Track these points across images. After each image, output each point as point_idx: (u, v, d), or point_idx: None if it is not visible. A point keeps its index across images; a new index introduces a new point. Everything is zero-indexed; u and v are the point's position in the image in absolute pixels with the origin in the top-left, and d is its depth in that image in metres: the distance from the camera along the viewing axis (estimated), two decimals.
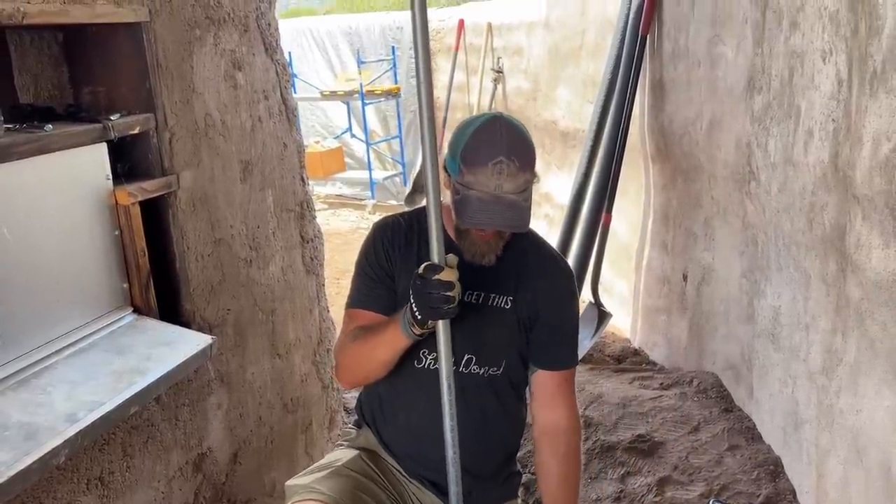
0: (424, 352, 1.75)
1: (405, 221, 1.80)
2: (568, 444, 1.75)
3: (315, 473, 1.77)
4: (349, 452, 1.85)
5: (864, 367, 1.84)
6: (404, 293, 1.70)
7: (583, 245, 4.14)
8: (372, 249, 1.77)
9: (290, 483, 1.78)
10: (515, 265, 1.74)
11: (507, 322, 1.72)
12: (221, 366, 2.51)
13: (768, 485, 2.53)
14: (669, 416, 3.11)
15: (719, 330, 3.30)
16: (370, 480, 1.79)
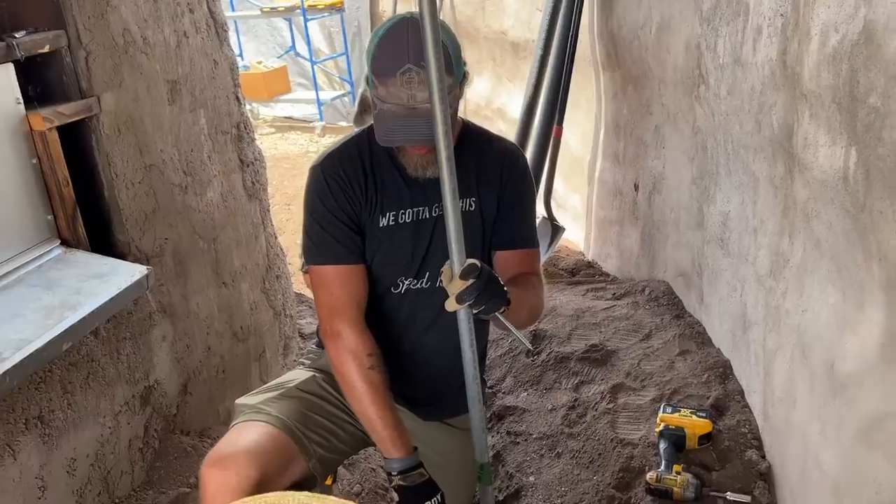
0: (402, 278, 1.70)
1: (349, 151, 1.66)
2: (532, 282, 1.70)
3: (265, 394, 1.73)
4: (304, 373, 1.82)
5: (809, 267, 1.84)
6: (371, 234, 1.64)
7: (535, 159, 4.07)
8: (329, 193, 1.62)
9: (239, 401, 1.73)
10: (473, 164, 1.67)
11: (475, 225, 1.68)
12: (163, 297, 2.42)
13: (718, 387, 2.58)
14: (622, 326, 3.13)
15: (670, 238, 3.30)
16: (324, 401, 1.76)
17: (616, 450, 2.40)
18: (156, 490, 2.31)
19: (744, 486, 2.13)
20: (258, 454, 1.54)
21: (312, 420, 1.70)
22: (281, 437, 1.61)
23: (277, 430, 1.62)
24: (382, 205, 1.64)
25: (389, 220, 1.64)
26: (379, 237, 1.66)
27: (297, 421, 1.66)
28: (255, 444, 1.56)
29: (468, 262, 1.46)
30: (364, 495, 2.64)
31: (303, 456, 1.65)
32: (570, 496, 2.32)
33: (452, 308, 1.48)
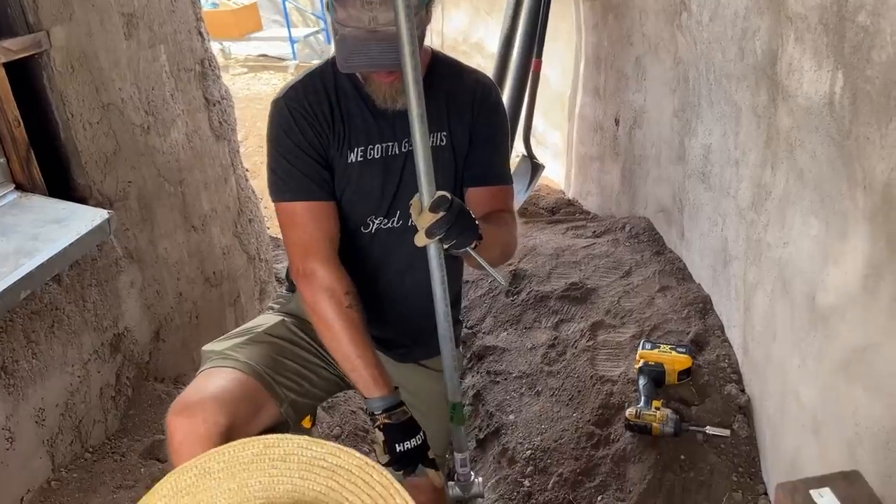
0: (371, 217, 1.62)
1: (314, 83, 1.55)
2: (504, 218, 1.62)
3: (232, 339, 1.66)
4: (273, 318, 1.75)
5: (792, 198, 1.79)
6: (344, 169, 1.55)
7: (513, 95, 3.97)
8: (293, 128, 1.52)
9: (205, 348, 1.65)
10: (443, 96, 1.58)
11: (446, 160, 1.60)
12: (129, 242, 2.34)
13: (698, 322, 2.56)
14: (602, 263, 3.10)
15: (651, 173, 3.24)
16: (294, 345, 1.70)
17: (595, 387, 2.39)
18: (131, 438, 2.27)
19: (723, 420, 2.13)
20: (226, 400, 1.48)
21: (283, 365, 1.64)
22: (250, 382, 1.55)
23: (246, 375, 1.56)
24: (350, 140, 1.55)
25: (358, 155, 1.56)
26: (347, 174, 1.58)
27: (267, 366, 1.60)
28: (223, 391, 1.50)
29: (438, 195, 1.39)
30: (344, 438, 2.63)
31: (274, 401, 1.60)
32: (549, 433, 2.32)
33: (422, 243, 1.41)
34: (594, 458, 2.17)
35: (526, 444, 2.32)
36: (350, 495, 0.91)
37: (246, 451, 0.94)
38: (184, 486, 0.92)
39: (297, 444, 0.95)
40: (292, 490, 0.92)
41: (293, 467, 0.93)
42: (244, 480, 0.93)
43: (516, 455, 2.30)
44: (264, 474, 0.93)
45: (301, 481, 0.93)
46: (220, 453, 0.94)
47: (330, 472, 0.93)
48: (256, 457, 0.94)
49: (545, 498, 2.12)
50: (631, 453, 2.12)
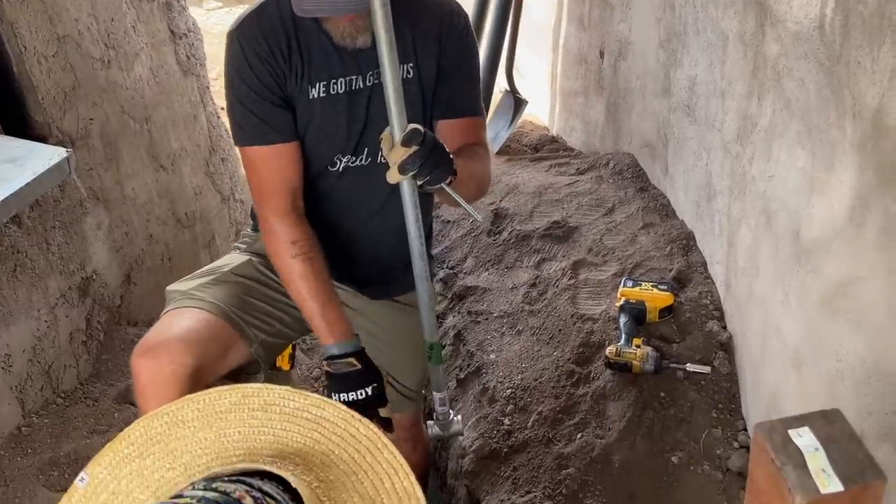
0: (338, 156, 1.55)
1: (270, 14, 1.44)
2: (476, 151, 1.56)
3: (198, 279, 1.61)
4: (240, 257, 1.70)
5: (778, 129, 1.73)
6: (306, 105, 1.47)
7: (496, 26, 3.82)
8: (247, 66, 1.42)
9: (169, 288, 1.60)
10: (409, 25, 1.47)
11: (415, 93, 1.51)
12: (94, 182, 2.26)
13: (680, 259, 2.52)
14: (585, 201, 3.04)
15: (636, 107, 3.16)
16: (261, 284, 1.65)
17: (576, 325, 2.36)
18: (104, 382, 2.24)
19: (704, 357, 2.11)
20: (193, 341, 1.44)
21: (251, 304, 1.59)
22: (217, 322, 1.50)
23: (213, 315, 1.50)
24: (310, 75, 1.46)
25: (320, 91, 1.47)
26: (310, 110, 1.49)
27: (234, 306, 1.55)
28: (189, 331, 1.45)
29: (410, 128, 1.31)
30: (323, 379, 2.60)
31: (243, 341, 1.55)
32: (529, 372, 2.30)
33: (395, 179, 1.34)
34: (574, 397, 2.15)
35: (506, 383, 2.30)
36: (336, 448, 0.86)
37: (223, 400, 0.89)
38: (155, 433, 0.86)
39: (279, 395, 0.89)
40: (275, 441, 0.87)
41: (275, 418, 0.88)
42: (222, 430, 0.87)
43: (496, 394, 2.28)
44: (244, 424, 0.88)
45: (283, 433, 0.87)
46: (195, 401, 0.89)
47: (314, 423, 0.88)
48: (235, 406, 0.89)
49: (525, 436, 2.11)
50: (611, 391, 2.10)
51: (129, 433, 0.87)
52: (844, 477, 0.80)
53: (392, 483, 0.82)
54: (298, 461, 0.83)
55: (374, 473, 0.83)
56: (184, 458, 0.85)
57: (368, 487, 0.81)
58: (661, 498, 1.86)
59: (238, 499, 0.70)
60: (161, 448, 0.87)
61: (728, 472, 1.87)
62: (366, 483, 0.81)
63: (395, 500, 0.80)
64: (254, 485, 0.74)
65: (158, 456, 0.85)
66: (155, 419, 0.88)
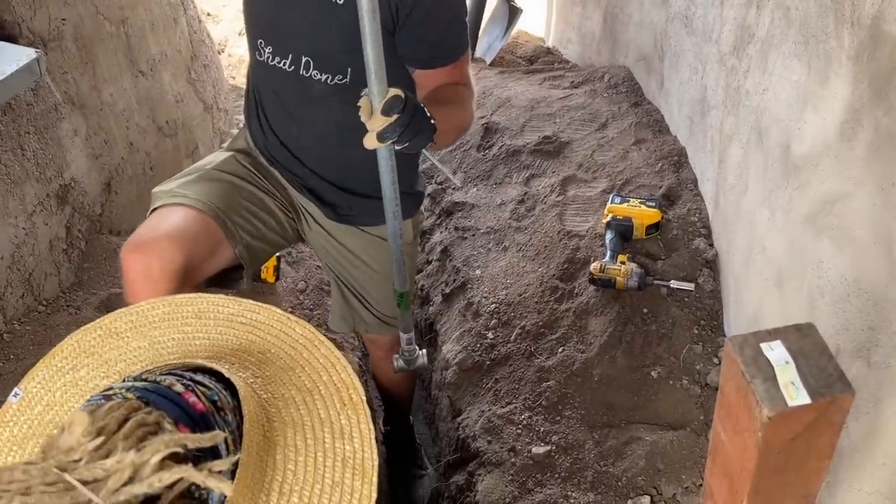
0: (261, 42, 1.48)
1: None
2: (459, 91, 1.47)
3: (182, 178, 1.56)
4: (222, 154, 1.65)
5: (775, 40, 1.66)
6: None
7: None
8: None
9: (155, 190, 1.55)
10: None
11: (344, 20, 1.34)
12: (69, 87, 2.19)
13: (671, 176, 2.48)
14: (577, 115, 2.98)
15: (633, 18, 3.05)
16: (246, 181, 1.60)
17: (562, 242, 2.34)
18: (86, 291, 2.23)
19: (688, 275, 2.10)
20: (182, 238, 1.40)
21: (237, 203, 1.54)
22: (204, 219, 1.46)
23: (200, 212, 1.46)
24: None
25: None
26: None
27: (221, 204, 1.50)
28: (177, 228, 1.41)
29: (391, 95, 1.21)
30: (308, 292, 2.60)
31: (229, 241, 1.51)
32: (514, 288, 2.29)
33: (372, 146, 1.26)
34: (557, 312, 2.15)
35: (491, 298, 2.30)
36: (272, 347, 0.86)
37: (155, 311, 0.88)
38: (87, 346, 0.85)
39: (212, 302, 0.88)
40: (210, 345, 0.86)
41: (210, 324, 0.87)
42: (155, 338, 0.87)
43: (481, 309, 2.29)
44: (177, 332, 0.87)
45: (219, 336, 0.87)
46: (127, 313, 0.88)
47: (250, 327, 0.87)
48: (167, 315, 0.88)
49: (507, 350, 2.12)
50: (593, 307, 2.10)
51: (63, 347, 0.87)
52: (812, 390, 0.79)
53: (329, 375, 0.82)
54: (234, 360, 0.82)
55: (311, 368, 0.83)
56: (118, 366, 0.85)
57: (305, 380, 0.81)
58: (638, 410, 1.89)
59: (168, 386, 0.69)
60: (95, 359, 0.86)
61: (706, 387, 1.89)
62: (302, 377, 0.82)
63: (333, 391, 0.80)
64: (185, 375, 0.73)
65: (93, 367, 0.85)
66: (87, 332, 0.87)
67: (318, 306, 2.58)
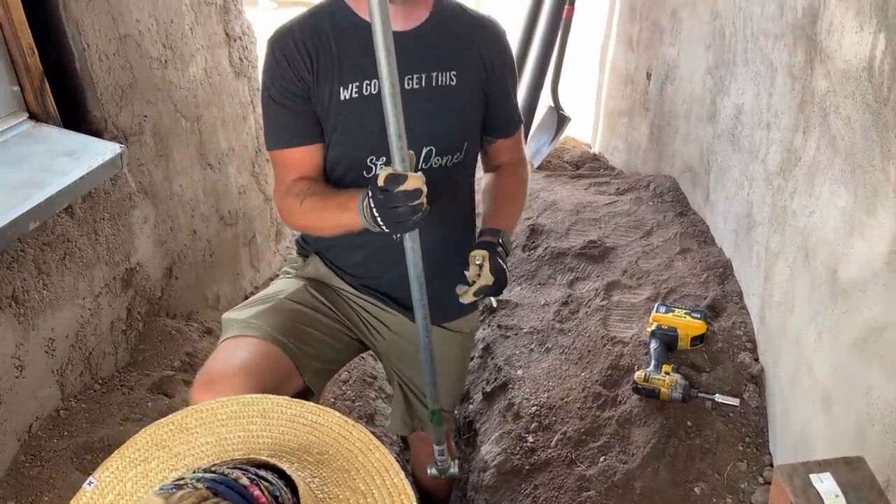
0: (372, 159, 1.54)
1: (307, 22, 1.49)
2: (518, 172, 1.70)
3: (255, 307, 1.59)
4: (294, 283, 1.68)
5: (822, 165, 1.72)
6: (336, 109, 1.49)
7: (544, 43, 3.85)
8: (278, 71, 1.47)
9: (226, 316, 1.59)
10: (444, 36, 1.52)
11: (458, 101, 1.54)
12: (143, 177, 2.33)
13: (716, 287, 2.51)
14: (623, 222, 3.04)
15: (680, 131, 3.15)
16: (316, 311, 1.64)
17: (606, 347, 2.36)
18: (140, 371, 2.30)
19: (734, 389, 2.10)
20: (253, 372, 1.41)
21: (306, 333, 1.58)
22: (275, 352, 1.49)
23: (271, 344, 1.49)
24: (343, 76, 1.48)
25: (352, 92, 1.48)
26: (340, 111, 1.50)
27: (291, 335, 1.53)
28: (249, 362, 1.43)
29: (482, 283, 1.47)
30: (352, 383, 2.64)
31: (298, 371, 1.53)
32: (556, 391, 2.30)
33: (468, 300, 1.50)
34: (599, 419, 2.15)
35: (532, 399, 2.31)
36: (330, 448, 0.90)
37: (224, 409, 0.94)
38: (159, 440, 0.91)
39: (276, 403, 0.94)
40: (273, 443, 0.91)
41: (273, 423, 0.93)
42: (223, 435, 0.92)
43: (522, 410, 2.29)
44: (243, 430, 0.92)
45: (281, 435, 0.92)
46: (198, 410, 0.94)
47: (310, 428, 0.92)
48: (235, 414, 0.94)
49: (548, 455, 2.12)
50: (637, 416, 2.10)
51: (136, 440, 0.92)
52: None
53: (383, 479, 0.86)
54: (294, 459, 0.87)
55: (366, 471, 0.87)
56: (186, 459, 0.90)
57: (360, 483, 0.85)
58: None
59: (235, 479, 0.74)
60: (165, 452, 0.92)
61: None
62: (357, 479, 0.86)
63: (386, 496, 0.84)
64: (250, 470, 0.78)
65: (163, 459, 0.90)
66: (160, 427, 0.94)
67: (360, 398, 2.61)
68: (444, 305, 1.67)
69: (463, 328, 1.81)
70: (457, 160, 1.58)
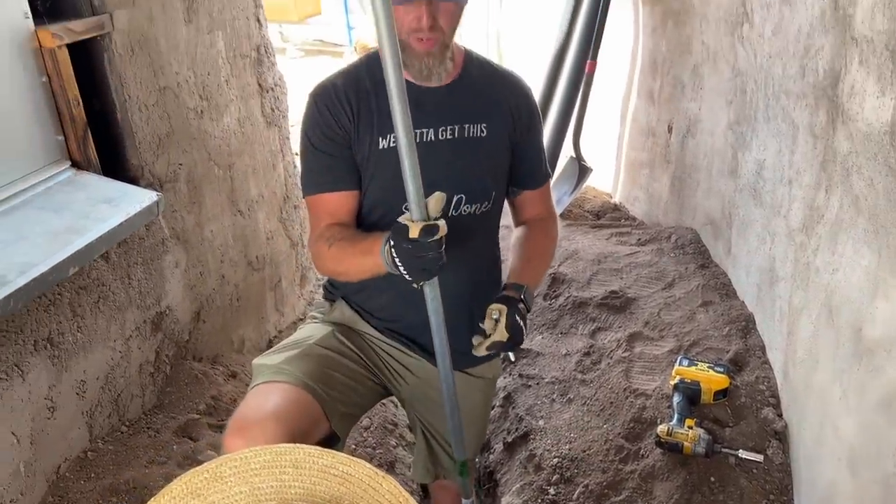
0: (406, 205, 1.59)
1: (347, 77, 1.58)
2: (547, 228, 1.76)
3: (284, 352, 1.64)
4: (322, 329, 1.72)
5: (845, 224, 1.74)
6: (375, 157, 1.56)
7: (566, 95, 3.93)
8: (321, 120, 1.55)
9: (257, 362, 1.63)
10: (475, 90, 1.61)
11: (488, 151, 1.62)
12: (176, 223, 2.39)
13: (738, 341, 2.51)
14: (644, 273, 3.06)
15: (701, 184, 3.18)
16: (343, 357, 1.68)
17: (629, 399, 2.36)
18: (166, 414, 2.33)
19: (757, 445, 2.09)
20: (284, 418, 1.45)
21: (333, 378, 1.61)
22: (305, 397, 1.52)
23: (301, 391, 1.52)
24: (382, 126, 1.55)
25: (390, 141, 1.55)
26: (378, 161, 1.57)
27: (320, 381, 1.57)
28: (280, 408, 1.47)
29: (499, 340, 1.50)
30: (373, 429, 2.65)
31: (326, 416, 1.56)
32: (578, 443, 2.30)
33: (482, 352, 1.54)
34: (622, 473, 2.14)
35: (553, 451, 2.31)
36: (361, 500, 0.93)
37: (258, 458, 0.97)
38: (194, 488, 0.94)
39: (309, 453, 0.97)
40: (305, 493, 0.94)
41: (305, 473, 0.95)
42: (256, 484, 0.95)
43: (543, 462, 2.29)
44: (275, 479, 0.95)
45: (313, 486, 0.95)
46: (232, 459, 0.97)
47: (342, 479, 0.95)
48: (268, 463, 0.96)
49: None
50: (660, 471, 2.09)
51: (172, 488, 0.95)
52: None
53: None
54: None
55: None
56: None
57: None
58: None
59: None
60: (200, 501, 0.94)
61: None
62: None
63: None
64: None
65: None
66: (195, 475, 0.96)
67: (381, 445, 2.62)
68: (467, 351, 1.69)
69: (486, 374, 1.83)
70: (485, 208, 1.64)
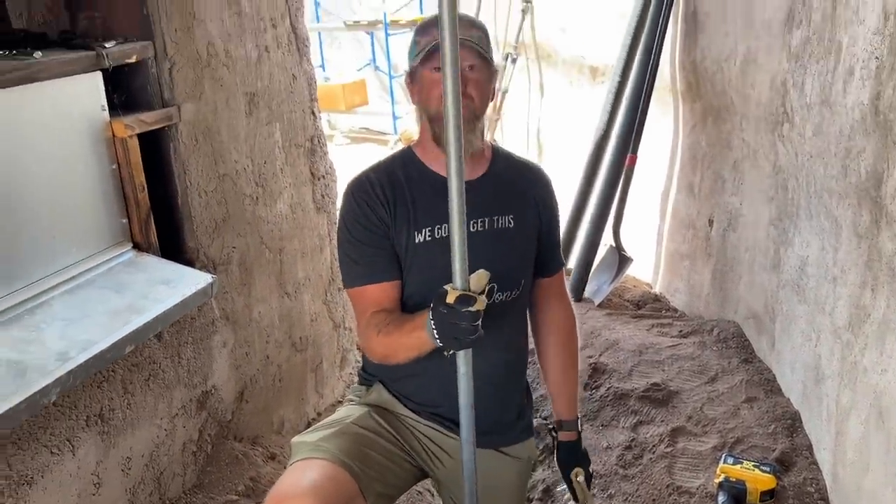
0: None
1: (382, 171, 1.68)
2: (569, 335, 1.85)
3: (322, 431, 1.68)
4: (359, 409, 1.77)
5: (893, 324, 1.73)
6: (411, 251, 1.64)
7: (606, 187, 4.00)
8: (359, 213, 1.64)
9: (296, 440, 1.68)
10: (502, 183, 1.71)
11: (515, 241, 1.71)
12: (227, 304, 2.47)
13: (785, 440, 2.45)
14: (686, 365, 3.03)
15: (743, 278, 3.18)
16: (380, 437, 1.71)
17: (672, 497, 2.31)
18: (205, 494, 2.34)
19: None
20: (321, 494, 1.48)
21: (370, 457, 1.64)
22: (342, 475, 1.55)
23: (338, 468, 1.56)
24: (417, 221, 1.64)
25: (425, 236, 1.64)
26: (415, 254, 1.65)
27: (356, 458, 1.60)
28: (317, 484, 1.50)
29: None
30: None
31: (363, 495, 1.58)
32: None
33: None
34: None
35: None
36: None
37: None
38: None
39: None
40: None
41: None
42: None
43: None
44: None
45: None
46: None
47: None
48: None
49: None
50: None
51: None
52: None
53: None
54: None
55: None
56: None
57: None
58: None
59: None
60: None
61: None
62: None
63: None
64: None
65: None
66: None
67: None
68: (502, 430, 1.77)
69: (521, 454, 1.84)
70: (514, 295, 1.72)
